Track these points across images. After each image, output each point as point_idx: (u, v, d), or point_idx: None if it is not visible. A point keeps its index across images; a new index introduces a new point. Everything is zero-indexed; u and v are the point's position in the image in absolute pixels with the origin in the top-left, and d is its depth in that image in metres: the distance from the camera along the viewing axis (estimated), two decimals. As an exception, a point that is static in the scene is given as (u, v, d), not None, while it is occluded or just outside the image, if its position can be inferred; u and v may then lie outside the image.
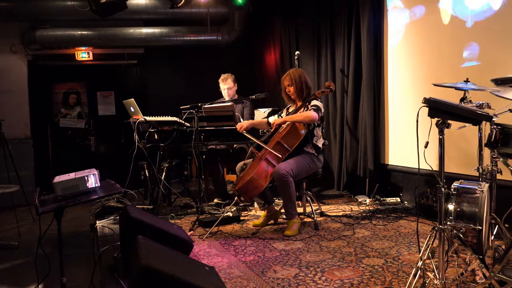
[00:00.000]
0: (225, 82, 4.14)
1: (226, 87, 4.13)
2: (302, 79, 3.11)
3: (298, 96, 3.14)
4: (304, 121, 2.94)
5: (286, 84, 3.15)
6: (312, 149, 3.09)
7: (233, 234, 3.04)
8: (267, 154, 2.92)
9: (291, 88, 3.12)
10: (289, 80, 3.11)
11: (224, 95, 4.21)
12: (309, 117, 2.91)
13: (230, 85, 4.15)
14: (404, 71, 3.81)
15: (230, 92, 4.15)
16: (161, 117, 3.60)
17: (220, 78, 4.19)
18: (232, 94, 4.18)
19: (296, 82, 3.09)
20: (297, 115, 3.03)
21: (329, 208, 3.75)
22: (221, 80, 4.18)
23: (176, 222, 3.44)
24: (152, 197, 3.88)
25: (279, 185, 2.91)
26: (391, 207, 3.60)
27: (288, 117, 3.03)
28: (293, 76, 3.10)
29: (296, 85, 3.09)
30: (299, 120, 2.95)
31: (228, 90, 4.12)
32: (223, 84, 4.15)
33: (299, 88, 3.10)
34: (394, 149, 3.99)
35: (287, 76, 3.13)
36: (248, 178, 2.83)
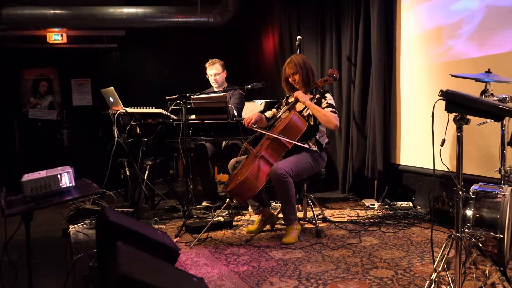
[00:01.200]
0: (212, 67, 4.12)
1: (213, 73, 4.11)
2: (307, 65, 3.12)
3: (304, 85, 3.15)
4: (325, 123, 2.98)
5: (290, 73, 3.14)
6: (315, 146, 3.10)
7: (224, 241, 3.05)
8: (263, 151, 2.92)
9: (297, 77, 3.12)
10: (294, 68, 3.11)
11: (211, 82, 4.19)
12: (333, 124, 2.97)
13: (218, 70, 4.13)
14: (418, 60, 3.82)
15: (219, 79, 4.13)
16: (144, 108, 3.59)
17: (207, 63, 4.18)
18: (221, 81, 4.17)
19: (302, 69, 3.10)
20: (323, 111, 3.00)
21: (333, 213, 3.76)
22: (207, 65, 4.16)
23: (160, 227, 3.43)
24: (133, 199, 3.87)
25: (277, 186, 2.92)
26: (402, 212, 3.63)
27: (313, 105, 3.01)
28: (297, 63, 3.10)
29: (302, 72, 3.10)
30: (321, 118, 2.97)
31: (215, 76, 4.11)
32: (209, 69, 4.14)
33: (305, 76, 3.11)
34: (406, 148, 4.01)
35: (291, 63, 3.13)
36: (241, 178, 2.84)
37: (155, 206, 4.03)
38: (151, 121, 3.67)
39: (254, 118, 3.11)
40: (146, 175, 3.67)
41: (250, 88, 3.39)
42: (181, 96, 3.31)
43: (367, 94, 4.21)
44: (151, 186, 3.82)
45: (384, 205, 3.80)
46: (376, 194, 4.01)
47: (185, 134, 3.32)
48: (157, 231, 2.17)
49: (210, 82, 4.21)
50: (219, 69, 4.14)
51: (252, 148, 3.08)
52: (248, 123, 3.10)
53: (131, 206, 3.83)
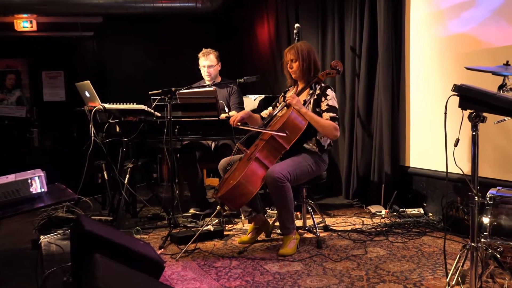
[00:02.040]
0: (206, 57, 4.12)
1: (207, 64, 4.12)
2: (311, 56, 3.13)
3: (302, 76, 3.16)
4: (324, 133, 3.01)
5: (289, 59, 3.16)
6: (315, 147, 3.11)
7: (214, 253, 3.05)
8: (257, 152, 2.93)
9: (294, 65, 3.13)
10: (294, 54, 3.12)
11: (204, 75, 4.20)
12: (332, 135, 3.02)
13: (213, 62, 4.13)
14: (430, 51, 3.84)
15: (212, 71, 4.14)
16: (124, 104, 3.58)
17: (200, 52, 4.18)
18: (214, 74, 4.17)
19: (303, 58, 3.11)
20: (320, 120, 3.02)
21: (335, 221, 3.78)
22: (201, 55, 4.16)
23: (143, 237, 3.43)
24: (112, 206, 3.86)
25: (273, 191, 2.93)
26: (412, 220, 3.64)
27: (309, 114, 3.02)
28: (300, 50, 3.11)
29: (302, 62, 3.11)
30: (318, 129, 3.00)
31: (209, 69, 4.12)
32: (203, 59, 4.14)
33: (305, 67, 3.12)
34: (416, 148, 4.03)
35: (292, 49, 3.14)
36: (234, 182, 2.84)
37: (136, 214, 4.02)
38: (132, 119, 3.67)
39: (241, 116, 3.12)
40: (126, 179, 3.66)
41: (243, 82, 3.40)
42: (166, 91, 3.30)
43: (373, 89, 4.22)
44: (132, 191, 3.81)
45: (392, 212, 3.82)
46: (383, 199, 4.03)
47: (170, 133, 3.31)
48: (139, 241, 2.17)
49: (202, 75, 4.21)
50: (214, 60, 4.14)
51: (245, 149, 3.08)
52: (233, 121, 3.11)
53: (110, 214, 3.83)
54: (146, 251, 2.01)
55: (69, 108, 5.48)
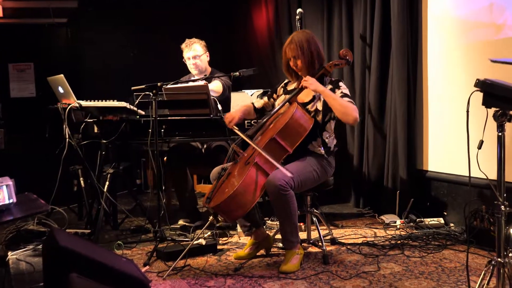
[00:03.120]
0: (189, 48, 4.13)
1: (192, 55, 4.12)
2: (312, 46, 3.13)
3: (306, 71, 3.17)
4: (342, 116, 2.98)
5: (291, 56, 3.16)
6: (321, 148, 3.13)
7: (207, 270, 3.06)
8: (257, 156, 2.94)
9: (299, 62, 3.15)
10: (295, 50, 3.13)
11: (190, 68, 4.20)
12: (352, 117, 2.96)
13: (198, 52, 4.14)
14: (452, 39, 3.86)
15: (199, 63, 4.15)
16: (103, 101, 3.59)
17: (183, 43, 4.18)
18: (202, 66, 4.18)
19: (304, 52, 3.11)
20: (341, 101, 3.00)
21: (344, 232, 3.79)
22: (184, 46, 4.17)
23: (125, 253, 3.43)
24: (90, 217, 3.87)
25: (276, 201, 2.94)
26: (431, 231, 3.66)
27: (328, 92, 3.01)
28: (299, 44, 3.12)
29: (304, 56, 3.12)
30: (338, 109, 2.97)
31: (194, 60, 4.13)
32: (187, 50, 4.15)
33: (309, 61, 3.13)
34: (436, 150, 4.05)
35: (291, 45, 3.15)
36: (229, 191, 2.85)
37: (118, 226, 4.03)
38: (112, 118, 3.68)
39: (238, 116, 3.13)
40: (106, 187, 3.67)
41: (239, 76, 3.41)
42: (151, 86, 3.31)
43: (386, 82, 4.24)
44: (113, 200, 3.82)
45: (409, 222, 3.83)
46: (399, 208, 4.05)
47: (156, 134, 3.32)
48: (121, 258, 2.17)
49: (188, 68, 4.22)
50: (200, 50, 4.15)
51: (242, 152, 3.09)
52: (229, 123, 3.12)
53: (88, 227, 3.83)
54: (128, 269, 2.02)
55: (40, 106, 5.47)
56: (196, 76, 4.21)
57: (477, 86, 1.85)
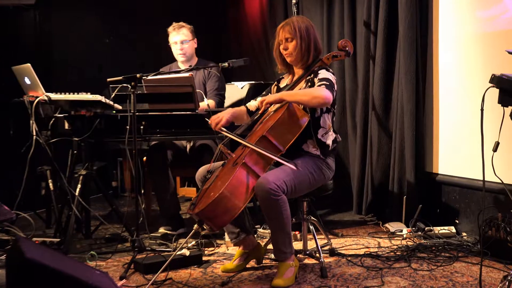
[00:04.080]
0: (177, 32, 4.16)
1: (180, 39, 4.16)
2: (311, 34, 3.16)
3: (299, 60, 3.18)
4: (311, 102, 2.98)
5: (284, 37, 3.18)
6: (316, 148, 3.14)
7: (190, 284, 3.05)
8: (246, 157, 2.95)
9: (290, 45, 3.16)
10: (290, 32, 3.14)
11: (176, 54, 4.22)
12: (319, 97, 2.95)
13: (187, 37, 4.17)
14: (465, 29, 3.87)
15: (187, 49, 4.18)
16: (75, 94, 3.58)
17: (171, 26, 4.20)
18: (190, 53, 4.21)
19: (301, 36, 3.13)
20: (301, 92, 3.06)
21: (344, 242, 3.80)
22: (171, 29, 4.20)
23: (99, 265, 3.42)
24: (60, 224, 3.85)
25: (266, 206, 2.94)
26: (441, 241, 3.68)
27: (285, 93, 3.07)
28: (297, 27, 3.14)
29: (301, 41, 3.13)
30: (303, 101, 2.99)
31: (182, 45, 4.15)
32: (174, 34, 4.18)
33: (304, 48, 3.14)
34: (447, 151, 4.07)
35: (287, 26, 3.16)
36: (215, 195, 2.85)
37: (91, 235, 4.01)
38: (85, 113, 3.66)
39: (226, 118, 3.13)
40: (78, 190, 3.66)
41: (228, 67, 3.40)
42: (129, 78, 3.30)
43: (392, 75, 4.25)
44: (85, 205, 3.80)
45: (416, 231, 3.85)
46: (405, 215, 4.06)
47: (135, 131, 3.31)
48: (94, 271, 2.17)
49: (174, 55, 4.23)
50: (188, 35, 4.17)
51: (230, 153, 3.09)
52: (216, 125, 3.12)
53: (57, 235, 3.81)
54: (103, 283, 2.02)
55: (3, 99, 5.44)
56: (182, 64, 4.22)
57: (492, 82, 1.87)
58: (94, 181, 3.85)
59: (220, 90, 4.20)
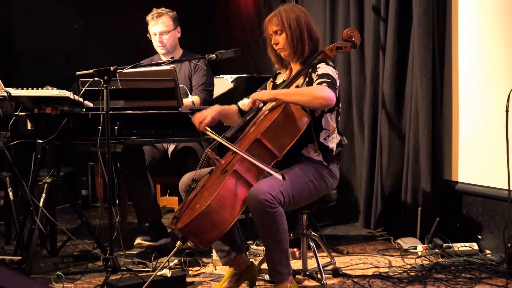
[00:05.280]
0: (156, 21, 4.19)
1: (159, 30, 4.19)
2: (302, 22, 3.17)
3: (293, 54, 3.20)
4: (311, 104, 2.97)
5: (272, 31, 3.20)
6: (318, 154, 3.14)
7: (172, 309, 3.06)
8: (237, 163, 2.95)
9: (280, 38, 3.18)
10: (278, 23, 3.16)
11: (156, 47, 4.26)
12: (320, 97, 2.94)
13: (168, 27, 4.20)
14: (489, 15, 3.88)
15: (168, 40, 4.22)
16: (39, 89, 3.57)
17: (149, 14, 4.22)
18: (171, 45, 4.24)
19: (291, 26, 3.14)
20: (299, 90, 3.06)
21: (350, 261, 3.81)
22: (150, 18, 4.22)
23: (67, 287, 3.41)
24: (21, 239, 3.84)
25: (259, 220, 2.93)
26: (461, 260, 3.68)
27: (281, 91, 3.07)
28: (285, 17, 3.15)
29: (291, 32, 3.15)
30: (302, 101, 2.98)
31: (162, 37, 4.19)
32: (153, 24, 4.21)
33: (296, 40, 3.15)
34: (468, 156, 4.08)
35: (274, 18, 3.18)
36: (202, 207, 2.84)
37: (57, 252, 4.00)
38: (50, 111, 3.66)
39: (211, 116, 3.13)
40: (42, 200, 3.64)
41: (216, 59, 3.40)
42: (101, 71, 3.29)
43: (405, 68, 4.27)
44: (51, 218, 3.79)
45: (433, 247, 3.86)
46: (420, 230, 4.07)
47: (108, 132, 3.31)
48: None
49: (155, 47, 4.26)
50: (169, 24, 4.19)
51: (219, 158, 3.08)
52: (200, 124, 3.12)
53: (18, 252, 3.80)
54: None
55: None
56: (163, 57, 4.22)
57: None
58: (61, 189, 3.84)
59: (207, 86, 4.21)
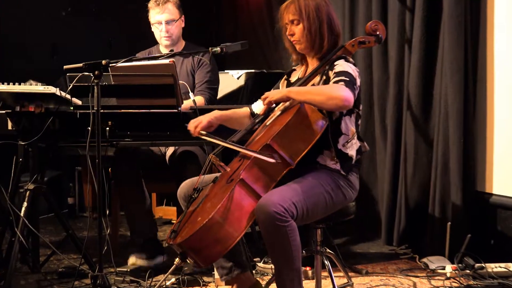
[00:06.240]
0: (162, 8, 4.22)
1: (165, 19, 4.21)
2: (323, 13, 3.15)
3: (310, 48, 3.19)
4: (326, 104, 2.94)
5: (288, 20, 3.19)
6: (335, 162, 3.13)
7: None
8: (243, 171, 2.94)
9: (296, 29, 3.17)
10: (295, 12, 3.15)
11: (160, 38, 4.29)
12: (336, 97, 2.91)
13: (173, 15, 4.24)
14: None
15: (174, 30, 4.25)
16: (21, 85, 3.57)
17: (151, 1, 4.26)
18: (176, 35, 4.28)
19: (310, 16, 3.13)
20: (313, 89, 3.04)
21: (370, 282, 3.81)
22: (153, 4, 4.26)
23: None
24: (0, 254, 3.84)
25: (269, 235, 2.92)
26: (496, 282, 3.66)
27: (293, 89, 3.06)
28: (303, 5, 3.14)
29: (309, 23, 3.13)
30: (316, 101, 2.96)
31: (168, 26, 4.21)
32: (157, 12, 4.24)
33: (314, 31, 3.14)
34: (504, 165, 4.07)
35: (292, 5, 3.17)
36: (204, 220, 2.83)
37: (40, 268, 4.00)
38: (34, 109, 3.67)
39: (208, 120, 3.13)
40: (24, 209, 3.65)
41: (221, 52, 3.39)
42: (92, 65, 3.28)
43: (433, 65, 4.26)
44: (33, 229, 3.80)
45: (464, 268, 3.84)
46: (449, 247, 4.06)
47: (99, 134, 3.29)
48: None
49: (157, 38, 4.29)
50: (174, 12, 4.23)
51: (224, 165, 3.08)
52: (194, 129, 3.12)
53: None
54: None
55: None
56: (166, 49, 4.24)
57: None
58: (45, 197, 3.86)
59: (211, 84, 4.21)
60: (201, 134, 3.10)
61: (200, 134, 3.10)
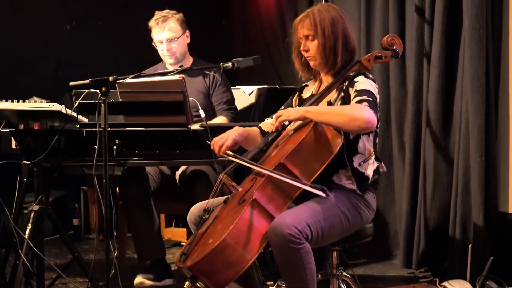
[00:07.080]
0: (162, 26, 4.24)
1: (166, 38, 4.23)
2: (339, 29, 3.16)
3: (323, 65, 3.20)
4: (348, 126, 2.95)
5: (303, 35, 3.20)
6: (351, 181, 3.13)
7: None
8: (256, 191, 2.95)
9: (312, 45, 3.18)
10: (310, 27, 3.15)
11: (163, 56, 4.32)
12: (359, 119, 2.91)
13: (175, 33, 4.25)
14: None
15: (177, 49, 4.27)
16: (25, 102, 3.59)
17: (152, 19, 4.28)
18: (180, 53, 4.30)
19: (325, 33, 3.13)
20: (334, 109, 3.04)
21: (387, 307, 3.81)
22: (153, 23, 4.28)
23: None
24: (3, 277, 3.86)
25: (282, 258, 2.92)
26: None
27: (311, 109, 3.06)
28: (319, 21, 3.14)
29: (323, 40, 3.14)
30: (337, 123, 2.96)
31: (170, 44, 4.23)
32: (158, 30, 4.26)
33: (328, 49, 3.15)
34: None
35: (307, 20, 3.17)
36: (215, 243, 2.84)
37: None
38: (38, 127, 3.69)
39: (233, 139, 3.12)
40: (28, 231, 3.66)
41: (232, 68, 3.41)
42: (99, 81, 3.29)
43: (453, 81, 4.26)
44: (38, 252, 3.81)
45: (486, 293, 3.85)
46: (471, 271, 4.04)
47: (106, 153, 3.31)
48: None
49: (161, 56, 4.31)
50: (177, 29, 4.24)
51: (235, 185, 3.09)
52: (219, 148, 3.11)
53: (-2, 292, 3.83)
54: None
55: None
56: (171, 66, 4.26)
57: None
58: (50, 218, 3.85)
59: (231, 104, 4.26)
60: (227, 155, 3.10)
61: (227, 154, 3.11)
